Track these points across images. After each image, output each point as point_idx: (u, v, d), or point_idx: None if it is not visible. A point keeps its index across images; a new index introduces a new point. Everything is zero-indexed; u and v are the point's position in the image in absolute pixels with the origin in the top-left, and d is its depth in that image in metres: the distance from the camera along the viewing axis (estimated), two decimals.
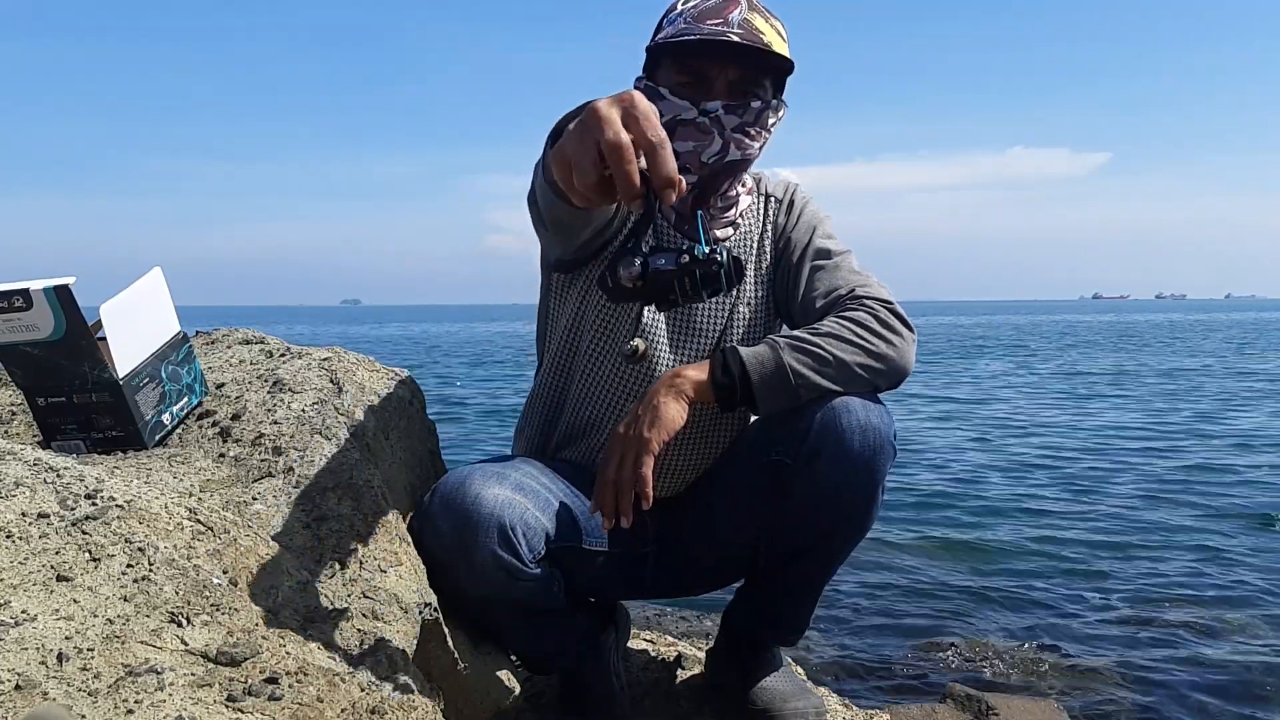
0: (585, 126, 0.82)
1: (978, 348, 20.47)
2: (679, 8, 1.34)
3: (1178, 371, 12.92)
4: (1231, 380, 11.33)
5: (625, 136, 0.80)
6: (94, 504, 0.91)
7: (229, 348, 1.56)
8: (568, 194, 0.86)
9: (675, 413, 1.26)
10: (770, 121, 1.36)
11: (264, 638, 0.88)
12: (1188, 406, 8.54)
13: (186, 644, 0.82)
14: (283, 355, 1.48)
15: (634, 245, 1.00)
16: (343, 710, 0.87)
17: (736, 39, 1.27)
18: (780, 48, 1.31)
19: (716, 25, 1.28)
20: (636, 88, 1.38)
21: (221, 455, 1.18)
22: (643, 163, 0.82)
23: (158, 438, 1.21)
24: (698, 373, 1.29)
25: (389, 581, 1.10)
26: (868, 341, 1.30)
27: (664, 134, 0.82)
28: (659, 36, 1.34)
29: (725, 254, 0.99)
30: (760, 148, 1.37)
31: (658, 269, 0.98)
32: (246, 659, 0.83)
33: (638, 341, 1.40)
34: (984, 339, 25.79)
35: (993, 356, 17.09)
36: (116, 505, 0.92)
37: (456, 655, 1.23)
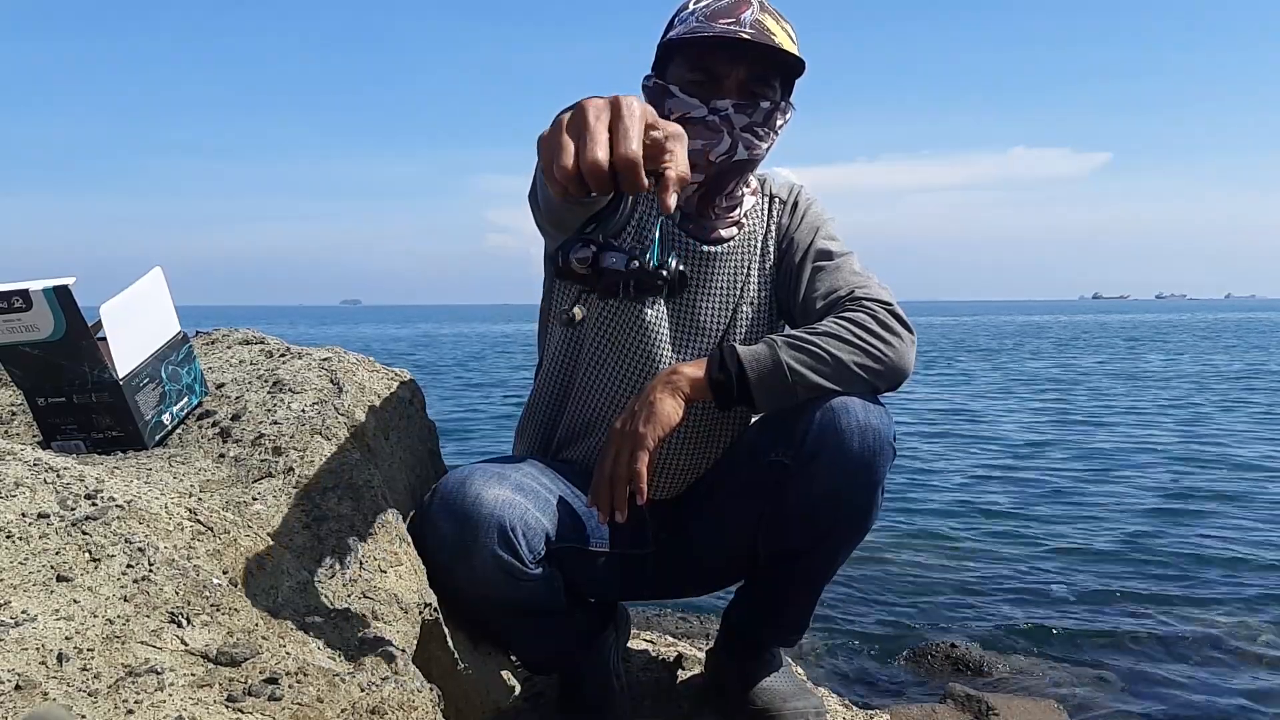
0: (579, 109, 0.80)
1: (990, 347, 20.47)
2: (690, 6, 1.34)
3: (1180, 376, 12.92)
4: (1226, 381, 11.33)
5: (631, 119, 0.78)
6: (94, 504, 0.91)
7: (229, 348, 1.56)
8: (550, 181, 0.82)
9: (671, 409, 1.26)
10: (778, 123, 1.37)
11: (264, 638, 0.88)
12: (1185, 408, 8.54)
13: (186, 644, 0.82)
14: (283, 355, 1.48)
15: (592, 231, 1.01)
16: (343, 710, 0.87)
17: (748, 38, 1.28)
18: (790, 48, 1.31)
19: (728, 24, 1.28)
20: (645, 85, 1.38)
21: (221, 455, 1.18)
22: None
23: (158, 438, 1.21)
24: (694, 370, 1.29)
25: (389, 581, 1.10)
26: (865, 342, 1.30)
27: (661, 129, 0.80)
28: (670, 34, 1.35)
29: (673, 270, 1.00)
30: (767, 149, 1.38)
31: (608, 266, 0.99)
32: (246, 659, 0.83)
33: (577, 309, 1.36)
34: (994, 338, 25.79)
35: (1005, 354, 17.10)
36: (116, 505, 0.92)
37: (456, 655, 1.23)
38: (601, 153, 0.77)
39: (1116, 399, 9.36)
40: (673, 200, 0.82)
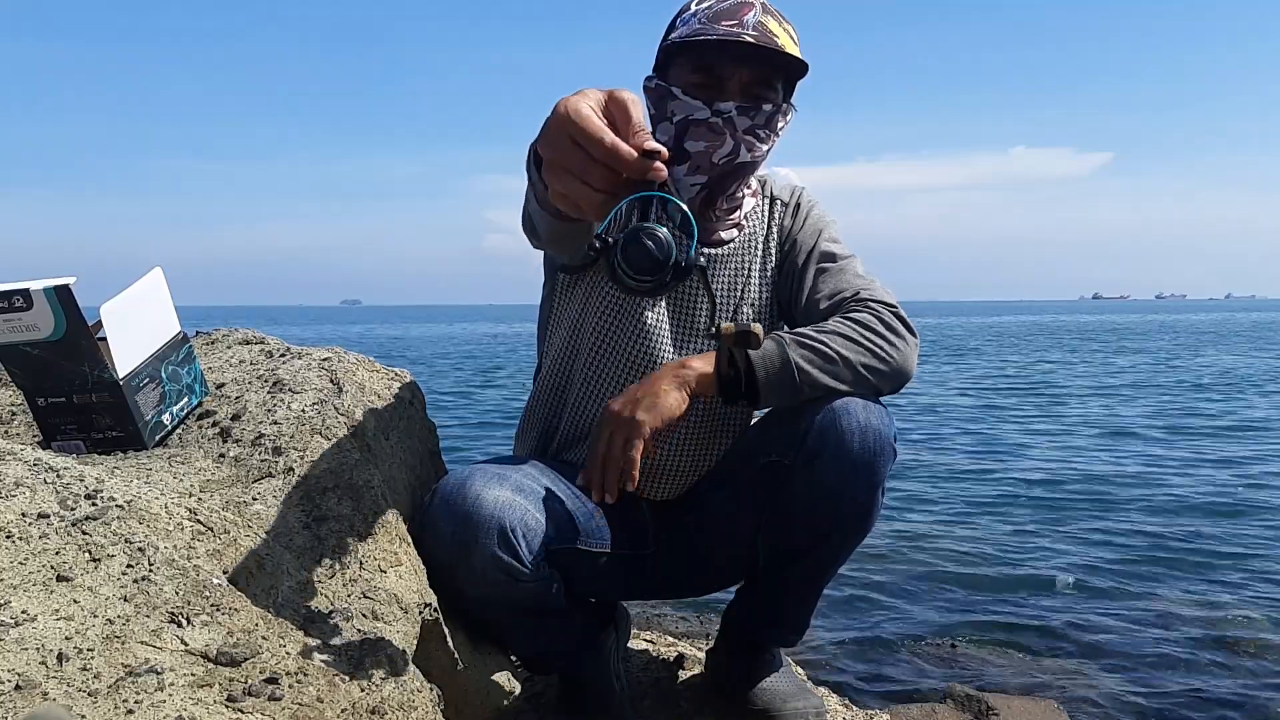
0: (557, 141, 0.77)
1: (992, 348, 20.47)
2: (693, 8, 1.34)
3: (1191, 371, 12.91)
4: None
5: (602, 127, 0.76)
6: (94, 504, 0.91)
7: (229, 348, 1.56)
8: (580, 217, 0.81)
9: (675, 402, 1.26)
10: (780, 125, 1.37)
11: (264, 638, 0.88)
12: (1188, 406, 8.54)
13: (186, 644, 0.82)
14: (283, 355, 1.48)
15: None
16: (343, 710, 0.87)
17: (751, 40, 1.28)
18: (793, 51, 1.31)
19: (731, 26, 1.28)
20: (647, 87, 1.38)
21: (221, 455, 1.18)
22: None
23: (158, 438, 1.21)
24: (703, 364, 1.29)
25: (389, 581, 1.10)
26: (871, 343, 1.30)
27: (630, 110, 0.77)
28: (672, 36, 1.34)
29: (623, 237, 0.89)
30: (768, 150, 1.38)
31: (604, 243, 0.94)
32: (246, 659, 0.83)
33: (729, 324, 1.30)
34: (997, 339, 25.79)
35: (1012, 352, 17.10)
36: (116, 505, 0.92)
37: (456, 655, 1.23)
38: (596, 173, 0.76)
39: (1145, 398, 9.37)
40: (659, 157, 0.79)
